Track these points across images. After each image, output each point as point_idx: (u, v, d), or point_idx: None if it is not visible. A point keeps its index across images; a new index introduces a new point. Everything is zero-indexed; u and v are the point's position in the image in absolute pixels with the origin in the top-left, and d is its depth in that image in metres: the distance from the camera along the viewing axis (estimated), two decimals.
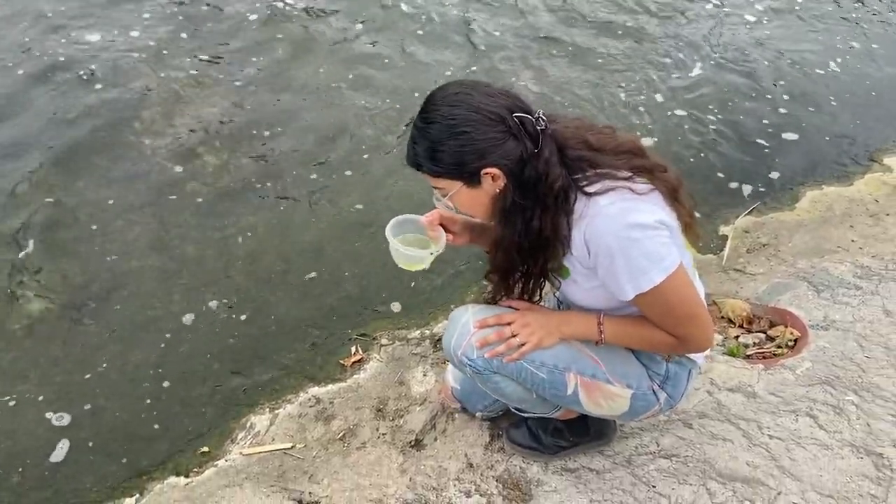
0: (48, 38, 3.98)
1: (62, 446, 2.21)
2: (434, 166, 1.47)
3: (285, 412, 2.28)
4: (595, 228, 1.42)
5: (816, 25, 4.86)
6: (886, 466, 1.94)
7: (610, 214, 1.41)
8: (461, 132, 1.42)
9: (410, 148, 1.50)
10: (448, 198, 1.52)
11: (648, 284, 1.42)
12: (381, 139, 3.53)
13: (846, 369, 2.26)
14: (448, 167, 1.46)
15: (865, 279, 2.68)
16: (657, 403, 1.72)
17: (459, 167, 1.45)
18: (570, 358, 1.67)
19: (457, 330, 1.69)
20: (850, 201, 3.31)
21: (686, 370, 1.72)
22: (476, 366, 1.67)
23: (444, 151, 1.44)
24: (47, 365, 2.43)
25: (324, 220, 3.07)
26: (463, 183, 1.48)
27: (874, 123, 3.98)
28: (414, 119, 1.49)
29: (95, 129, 3.42)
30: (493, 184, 1.47)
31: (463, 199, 1.52)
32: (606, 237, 1.41)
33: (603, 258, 1.44)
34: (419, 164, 1.49)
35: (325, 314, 2.68)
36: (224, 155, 3.35)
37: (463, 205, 1.54)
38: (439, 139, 1.44)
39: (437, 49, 4.23)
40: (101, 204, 3.04)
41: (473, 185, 1.48)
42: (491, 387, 1.72)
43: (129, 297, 2.67)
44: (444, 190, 1.51)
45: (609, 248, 1.41)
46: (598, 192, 1.44)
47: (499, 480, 1.98)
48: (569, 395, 1.70)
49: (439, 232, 1.68)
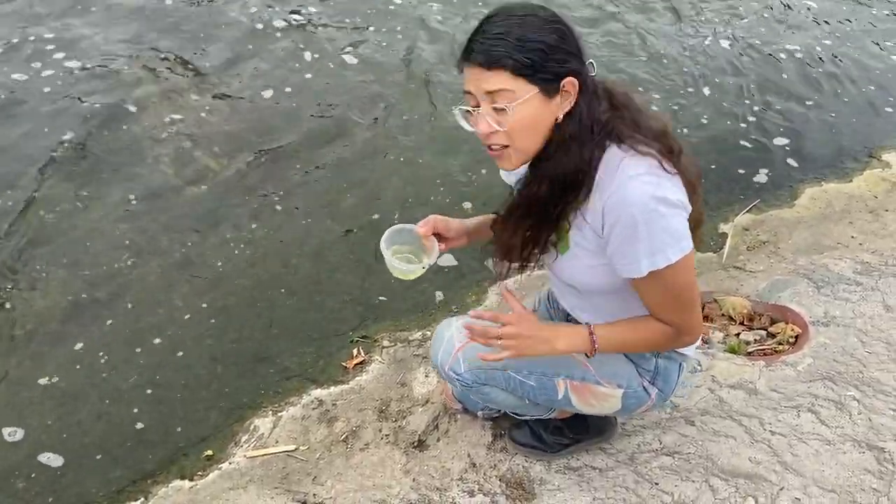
0: (44, 43, 3.99)
1: (67, 451, 2.21)
2: (523, 58, 1.30)
3: (288, 414, 2.29)
4: (620, 196, 1.35)
5: (814, 21, 4.86)
6: (888, 461, 1.94)
7: (637, 185, 1.34)
8: (558, 28, 1.33)
9: (490, 40, 1.31)
10: (513, 107, 1.34)
11: (664, 262, 1.37)
12: (381, 142, 3.54)
13: (847, 365, 2.27)
14: (536, 64, 1.31)
15: (865, 275, 2.69)
16: (649, 399, 1.73)
17: (545, 66, 1.32)
18: (557, 363, 1.68)
19: (442, 346, 1.71)
20: (850, 198, 3.32)
21: (676, 364, 1.72)
22: (464, 379, 1.68)
23: (538, 43, 1.31)
24: (48, 371, 2.43)
25: (324, 222, 3.08)
26: (539, 90, 1.33)
27: (873, 120, 3.99)
28: (481, 22, 1.36)
29: (93, 135, 3.42)
30: (564, 101, 1.37)
31: (526, 113, 1.35)
32: (632, 207, 1.34)
33: (622, 228, 1.37)
34: (498, 59, 1.31)
35: (327, 316, 2.69)
36: (224, 159, 3.36)
37: (523, 119, 1.36)
38: (535, 29, 1.31)
39: (439, 51, 4.24)
40: (101, 209, 3.05)
41: (549, 96, 1.35)
42: (482, 397, 1.74)
43: (131, 301, 2.68)
44: (512, 95, 1.33)
45: (633, 218, 1.34)
46: (630, 153, 1.38)
47: (502, 480, 1.98)
48: (560, 399, 1.71)
49: (433, 242, 1.67)
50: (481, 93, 1.35)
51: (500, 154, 1.42)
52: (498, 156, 1.43)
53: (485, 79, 1.33)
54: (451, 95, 3.86)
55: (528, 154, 1.42)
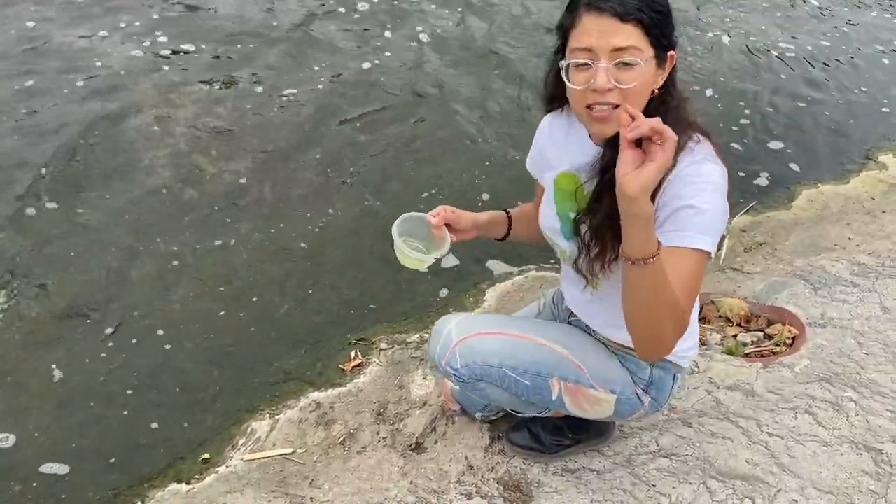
0: (40, 47, 3.99)
1: (64, 455, 2.21)
2: (654, 15, 1.28)
3: (286, 417, 2.28)
4: (696, 171, 1.34)
5: (811, 21, 4.87)
6: (886, 462, 1.94)
7: (712, 167, 1.36)
8: (667, 2, 1.32)
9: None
10: (642, 63, 1.29)
11: (698, 244, 1.34)
12: (379, 143, 3.54)
13: (844, 366, 2.27)
14: (662, 25, 1.30)
15: (862, 276, 2.69)
16: (642, 407, 1.73)
17: (665, 31, 1.31)
18: (553, 364, 1.68)
19: (440, 341, 1.71)
20: (847, 199, 3.32)
21: (671, 374, 1.73)
22: (460, 375, 1.68)
23: (663, 5, 1.30)
24: (46, 374, 2.43)
25: (322, 225, 3.08)
26: (654, 54, 1.31)
27: (869, 121, 4.00)
28: None
29: (90, 138, 3.42)
30: (662, 73, 1.35)
31: (646, 75, 1.31)
32: (708, 184, 1.34)
33: (682, 200, 1.33)
34: (633, 12, 1.27)
35: (325, 319, 2.68)
36: (220, 161, 3.36)
37: (643, 81, 1.31)
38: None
39: (442, 51, 4.24)
40: (97, 212, 3.05)
41: (658, 64, 1.33)
42: (478, 393, 1.74)
43: (128, 305, 2.68)
44: (639, 54, 1.29)
45: (702, 191, 1.33)
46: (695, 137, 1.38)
47: (499, 482, 1.98)
48: (553, 399, 1.71)
49: (444, 233, 1.67)
50: (607, 47, 1.28)
51: (608, 116, 1.32)
52: (604, 117, 1.33)
53: (616, 31, 1.27)
54: (450, 104, 3.87)
55: None
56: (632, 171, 1.20)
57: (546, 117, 1.70)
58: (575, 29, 1.32)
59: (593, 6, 1.29)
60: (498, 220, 1.83)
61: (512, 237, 1.87)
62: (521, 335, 1.72)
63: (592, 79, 1.31)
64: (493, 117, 3.77)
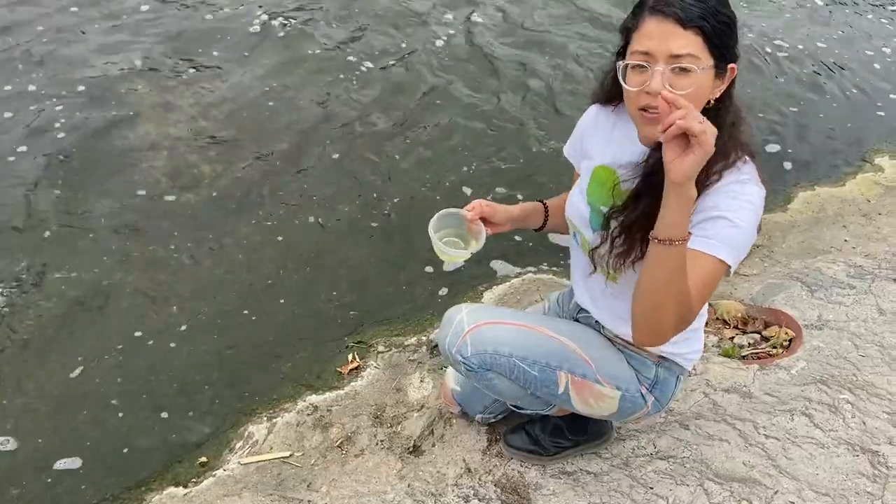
0: (36, 52, 3.99)
1: (61, 458, 2.20)
2: (717, 25, 1.30)
3: (283, 421, 2.28)
4: (740, 188, 1.38)
5: (806, 23, 4.89)
6: (882, 464, 1.95)
7: (755, 188, 1.40)
8: (733, 11, 1.33)
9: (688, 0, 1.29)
10: (698, 71, 1.30)
11: (722, 255, 1.37)
12: (376, 147, 3.54)
13: (841, 368, 2.28)
14: (723, 36, 1.32)
15: (859, 278, 2.69)
16: (645, 406, 1.75)
17: (727, 43, 1.33)
18: (562, 356, 1.70)
19: (451, 329, 1.72)
20: (843, 201, 3.33)
21: (674, 375, 1.75)
22: (470, 363, 1.69)
23: (728, 17, 1.32)
24: (44, 378, 2.43)
25: (319, 228, 3.08)
26: (714, 64, 1.33)
27: (865, 123, 4.01)
28: None
29: (88, 142, 3.42)
30: (721, 84, 1.37)
31: (701, 83, 1.33)
32: (750, 201, 1.38)
33: (719, 211, 1.37)
34: (696, 20, 1.28)
35: (322, 322, 2.68)
36: (218, 166, 3.36)
37: (698, 89, 1.33)
38: (719, 2, 1.31)
39: (437, 58, 4.25)
40: (95, 217, 3.04)
41: (717, 74, 1.35)
42: (485, 384, 1.74)
43: (125, 308, 2.67)
44: (697, 62, 1.30)
45: (743, 207, 1.37)
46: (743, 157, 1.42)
47: (497, 485, 1.98)
48: (560, 393, 1.72)
49: (479, 227, 1.69)
50: (665, 51, 1.30)
51: (658, 118, 1.29)
52: (655, 119, 1.32)
53: (676, 37, 1.29)
54: (448, 107, 3.87)
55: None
56: (677, 157, 1.24)
57: (593, 107, 1.71)
58: (637, 31, 1.35)
59: (657, 10, 1.31)
60: (534, 212, 1.85)
61: (548, 228, 1.89)
62: (532, 326, 1.74)
63: (648, 81, 1.33)
64: (494, 122, 3.78)
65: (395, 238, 3.06)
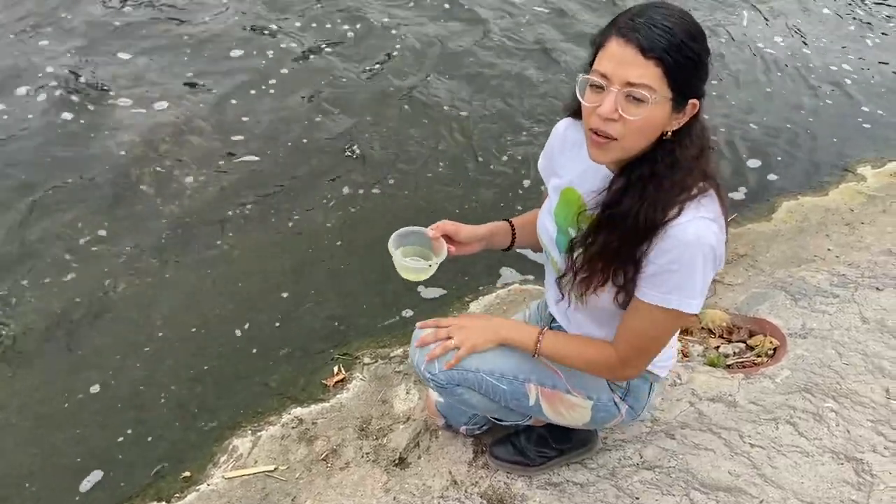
0: (24, 63, 3.97)
1: (43, 473, 2.17)
2: (680, 60, 1.27)
3: (268, 434, 2.26)
4: (689, 230, 1.36)
5: (789, 36, 4.94)
6: (867, 472, 1.95)
7: (706, 227, 1.36)
8: (706, 47, 1.32)
9: (657, 29, 1.26)
10: (650, 103, 1.29)
11: (686, 308, 1.41)
12: (362, 159, 3.54)
13: (825, 376, 2.29)
14: (686, 72, 1.29)
15: (842, 287, 2.71)
16: (619, 414, 1.75)
17: (690, 79, 1.31)
18: (529, 369, 1.70)
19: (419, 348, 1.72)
20: (826, 211, 3.36)
21: (647, 383, 1.75)
22: (438, 380, 1.69)
23: (695, 53, 1.29)
24: (26, 393, 2.40)
25: (304, 239, 3.07)
26: (672, 98, 1.30)
27: (848, 133, 4.05)
28: (644, 6, 1.32)
29: (73, 154, 3.40)
30: (680, 118, 1.35)
31: (654, 115, 1.31)
32: (695, 247, 1.36)
33: (675, 259, 1.37)
34: (659, 51, 1.26)
35: (308, 334, 2.67)
36: (202, 177, 3.35)
37: (649, 120, 1.32)
38: (696, 38, 1.30)
39: (415, 67, 4.26)
40: (79, 229, 3.02)
41: (675, 108, 1.33)
42: (457, 399, 1.74)
43: (110, 322, 2.65)
44: (652, 93, 1.28)
45: (692, 256, 1.36)
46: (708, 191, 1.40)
47: (483, 497, 1.97)
48: (531, 405, 1.73)
49: (442, 244, 1.67)
50: (622, 78, 1.29)
51: (604, 144, 1.35)
52: (600, 144, 1.36)
53: (635, 65, 1.27)
54: (441, 119, 3.88)
55: (629, 154, 1.38)
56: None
57: (564, 120, 1.67)
58: (602, 49, 1.33)
59: (622, 34, 1.29)
60: (500, 231, 1.82)
61: (518, 246, 1.87)
62: None
63: (600, 102, 1.32)
64: (490, 134, 3.79)
65: (381, 250, 3.04)
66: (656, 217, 1.37)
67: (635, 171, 1.39)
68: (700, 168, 1.39)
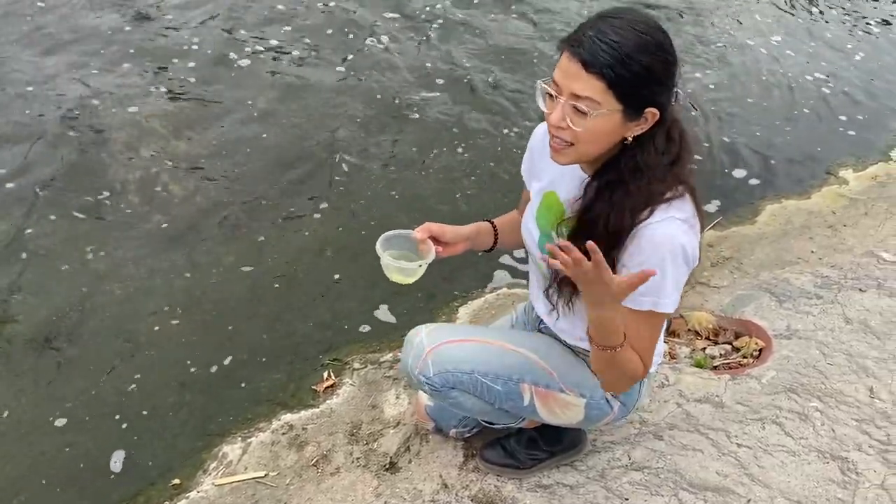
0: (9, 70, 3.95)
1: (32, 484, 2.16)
2: (624, 74, 1.29)
3: (258, 440, 2.26)
4: (660, 231, 1.39)
5: (774, 39, 5.01)
6: (852, 470, 1.98)
7: (677, 227, 1.39)
8: (665, 58, 1.33)
9: (602, 44, 1.28)
10: (593, 115, 1.32)
11: (662, 308, 1.45)
12: (350, 166, 3.55)
13: (810, 377, 2.32)
14: (632, 86, 1.31)
15: (825, 288, 2.75)
16: (611, 412, 1.77)
17: (638, 92, 1.32)
18: (524, 369, 1.72)
19: (412, 351, 1.73)
20: (809, 214, 3.40)
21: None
22: (433, 383, 1.70)
23: (643, 67, 1.30)
24: (12, 400, 2.38)
25: (292, 246, 3.07)
26: (622, 109, 1.33)
27: (829, 137, 4.11)
28: (598, 17, 1.34)
29: (60, 164, 3.39)
30: (639, 125, 1.37)
31: (602, 125, 1.35)
32: (664, 248, 1.38)
33: (637, 262, 1.41)
34: (600, 66, 1.29)
35: (297, 340, 2.67)
36: (190, 185, 3.34)
37: (596, 129, 1.35)
38: (647, 52, 1.30)
39: (399, 76, 4.28)
40: (66, 237, 3.01)
41: (628, 118, 1.35)
42: (450, 402, 1.75)
43: (97, 330, 2.64)
44: (597, 105, 1.31)
45: (662, 258, 1.39)
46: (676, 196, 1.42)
47: (474, 500, 1.98)
48: (525, 405, 1.74)
49: (429, 246, 1.67)
50: (568, 90, 1.33)
51: (560, 149, 1.41)
52: (556, 149, 1.42)
53: (579, 78, 1.31)
54: (430, 126, 3.90)
55: (586, 158, 1.44)
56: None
57: (542, 125, 1.68)
58: (559, 59, 1.37)
59: (570, 47, 1.33)
60: (483, 231, 1.84)
61: (500, 246, 1.89)
62: (491, 341, 1.76)
63: (552, 111, 1.37)
64: (480, 141, 3.81)
65: (370, 255, 3.04)
66: (624, 222, 1.41)
67: (604, 177, 1.44)
68: (674, 174, 1.42)
